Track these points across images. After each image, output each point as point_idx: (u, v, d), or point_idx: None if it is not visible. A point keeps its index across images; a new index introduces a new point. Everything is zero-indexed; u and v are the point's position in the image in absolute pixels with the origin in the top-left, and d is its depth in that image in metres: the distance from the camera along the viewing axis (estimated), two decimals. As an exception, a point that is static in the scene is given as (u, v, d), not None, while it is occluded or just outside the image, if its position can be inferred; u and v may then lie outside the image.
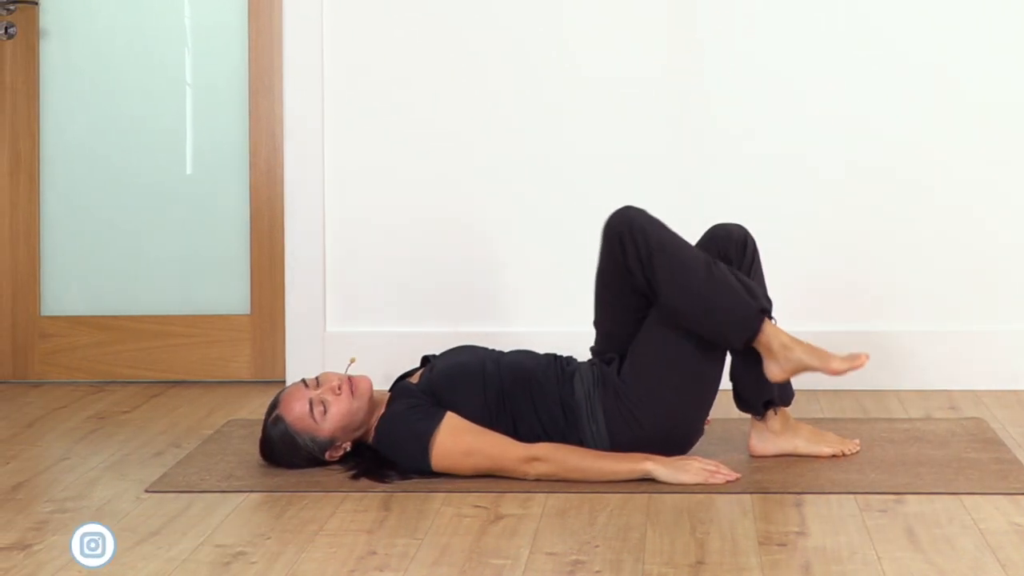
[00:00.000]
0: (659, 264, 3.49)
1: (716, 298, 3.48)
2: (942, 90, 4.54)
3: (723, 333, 3.50)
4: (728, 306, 3.48)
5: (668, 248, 3.51)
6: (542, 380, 3.59)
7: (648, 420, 3.51)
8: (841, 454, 3.67)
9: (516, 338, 4.24)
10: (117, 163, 4.81)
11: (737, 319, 3.48)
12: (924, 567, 2.87)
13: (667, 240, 3.52)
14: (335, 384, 3.56)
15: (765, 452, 3.67)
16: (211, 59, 4.79)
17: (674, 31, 4.58)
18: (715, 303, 3.48)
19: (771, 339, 3.49)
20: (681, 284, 3.48)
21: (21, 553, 3.02)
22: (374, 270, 4.69)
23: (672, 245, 3.52)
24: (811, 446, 3.67)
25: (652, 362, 3.54)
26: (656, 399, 3.52)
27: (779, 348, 3.50)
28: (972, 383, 4.53)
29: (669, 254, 3.50)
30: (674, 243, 3.53)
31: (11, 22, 4.72)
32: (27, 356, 4.81)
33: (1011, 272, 4.56)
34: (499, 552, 2.99)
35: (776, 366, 3.51)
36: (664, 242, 3.51)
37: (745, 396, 3.67)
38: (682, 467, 3.45)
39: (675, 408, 3.54)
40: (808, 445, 3.67)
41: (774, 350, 3.50)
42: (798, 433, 3.68)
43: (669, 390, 3.53)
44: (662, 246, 3.51)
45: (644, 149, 4.60)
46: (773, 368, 3.52)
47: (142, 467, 3.71)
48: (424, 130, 4.66)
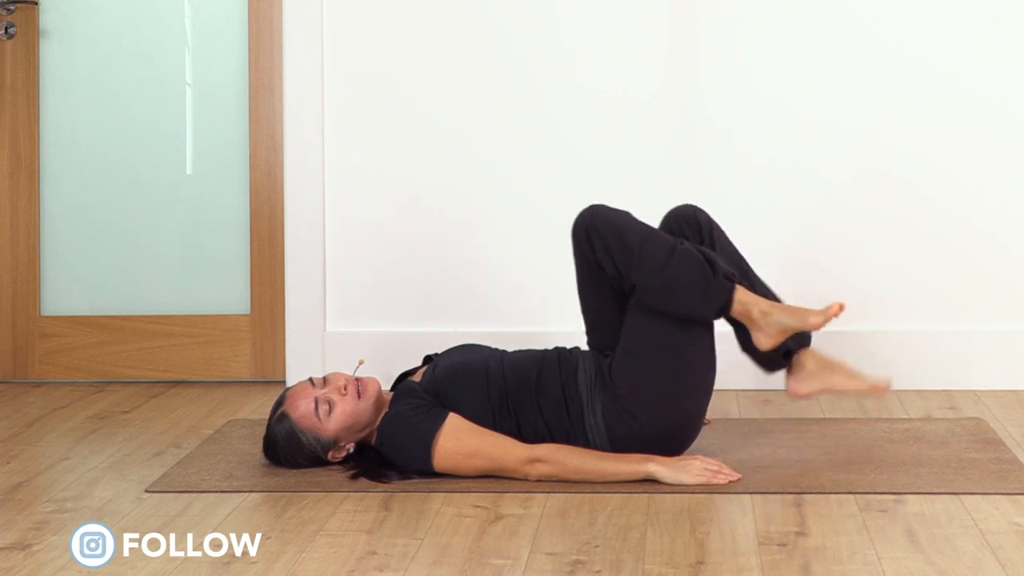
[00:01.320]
0: (625, 251, 3.52)
1: (682, 274, 3.49)
2: (940, 93, 4.54)
3: (696, 307, 3.51)
4: (695, 280, 3.49)
5: (633, 235, 3.53)
6: (545, 377, 3.59)
7: (643, 414, 3.51)
8: (876, 389, 3.61)
9: (516, 338, 4.24)
10: (117, 163, 4.81)
11: (706, 291, 3.49)
12: (924, 567, 2.87)
13: (631, 228, 3.54)
14: (341, 384, 3.56)
15: (802, 392, 3.62)
16: (211, 59, 4.79)
17: (675, 36, 4.58)
18: (682, 279, 3.49)
19: (749, 308, 3.51)
20: (649, 267, 3.50)
21: (21, 553, 3.02)
22: (374, 270, 4.70)
23: (636, 232, 3.54)
24: (847, 381, 3.62)
25: (638, 356, 3.53)
26: (647, 392, 3.51)
27: (759, 315, 3.51)
28: (972, 383, 4.53)
29: (634, 240, 3.52)
30: (639, 230, 3.55)
31: (11, 22, 4.72)
32: (27, 356, 4.82)
33: (1011, 272, 4.56)
34: (499, 552, 2.99)
35: (761, 334, 3.53)
36: (628, 230, 3.54)
37: (761, 358, 3.66)
38: (684, 468, 3.44)
39: (668, 399, 3.52)
40: (845, 381, 3.63)
41: (755, 318, 3.51)
42: (834, 371, 3.63)
43: (659, 382, 3.52)
44: (626, 233, 3.53)
45: (644, 152, 4.60)
46: (759, 337, 3.53)
47: (142, 467, 3.71)
48: (424, 130, 4.66)
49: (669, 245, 3.52)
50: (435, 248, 4.67)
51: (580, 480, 3.45)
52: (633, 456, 3.49)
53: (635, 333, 3.54)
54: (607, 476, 3.45)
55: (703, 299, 3.50)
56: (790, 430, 3.97)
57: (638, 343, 3.54)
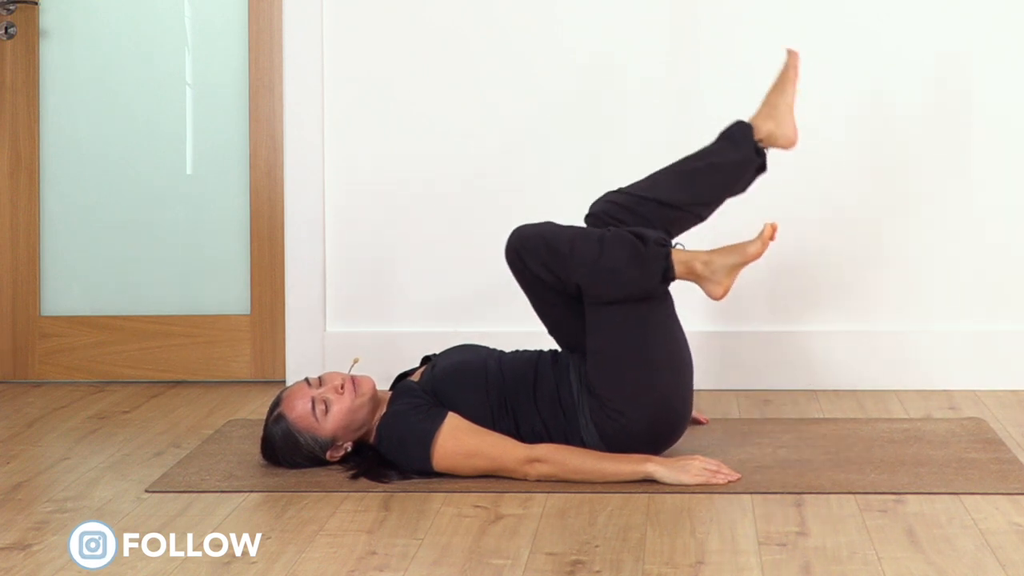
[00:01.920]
0: (558, 257, 3.53)
1: (617, 258, 3.50)
2: (942, 90, 4.54)
3: (641, 282, 3.51)
4: (631, 256, 3.50)
5: (560, 241, 3.54)
6: (541, 378, 3.59)
7: (627, 409, 3.49)
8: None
9: (516, 338, 4.24)
10: (117, 163, 4.81)
11: (643, 263, 3.50)
12: (924, 567, 2.87)
13: (557, 235, 3.56)
14: (338, 383, 3.56)
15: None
16: (211, 59, 4.79)
17: (675, 36, 4.58)
18: (619, 262, 3.50)
19: (691, 264, 3.52)
20: (585, 263, 3.51)
21: (21, 553, 3.02)
22: (374, 270, 4.70)
23: (563, 237, 3.55)
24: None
25: (604, 355, 3.52)
26: (623, 387, 3.50)
27: (702, 268, 3.53)
28: (972, 383, 4.53)
29: (563, 245, 3.53)
30: (565, 234, 3.56)
31: (11, 22, 4.72)
32: (27, 356, 4.82)
33: (1011, 272, 4.56)
34: (499, 552, 2.99)
35: (711, 284, 3.54)
36: (555, 237, 3.55)
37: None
38: (683, 468, 3.44)
39: (644, 388, 3.50)
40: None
41: (699, 271, 3.53)
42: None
43: (629, 374, 3.51)
44: (553, 241, 3.54)
45: (644, 152, 4.60)
46: (710, 287, 3.54)
47: (142, 467, 3.71)
48: (424, 130, 4.66)
49: (597, 236, 3.54)
50: (435, 248, 4.67)
51: (579, 480, 3.45)
52: (632, 456, 3.49)
53: (595, 333, 3.55)
54: (607, 476, 3.45)
55: (644, 272, 3.50)
56: (790, 430, 3.97)
57: (600, 342, 3.54)
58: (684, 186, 3.76)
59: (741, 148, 3.76)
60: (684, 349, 3.59)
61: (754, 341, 4.59)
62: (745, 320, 4.61)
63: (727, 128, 3.80)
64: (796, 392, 4.53)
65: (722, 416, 4.17)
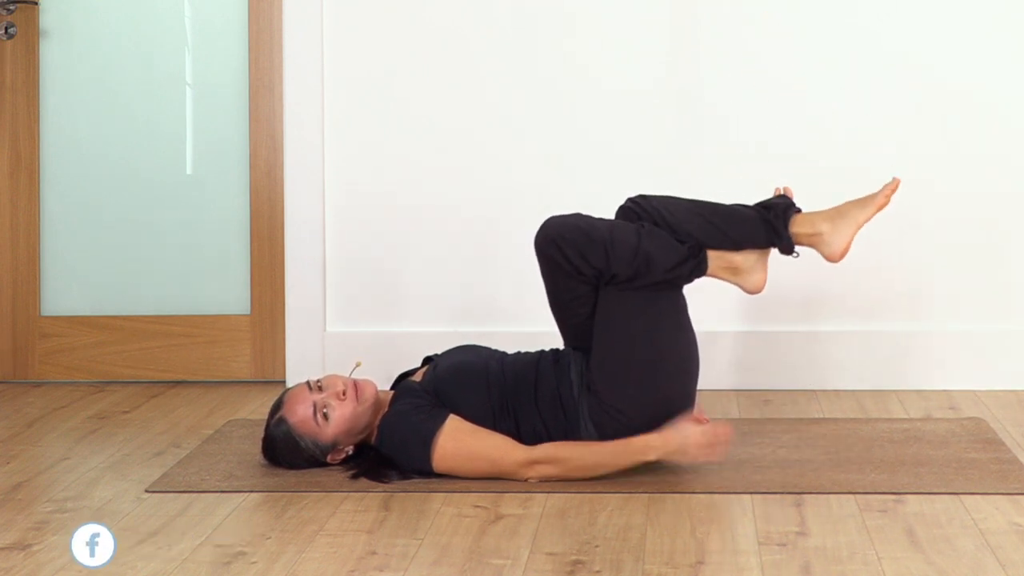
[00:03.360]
0: (598, 246, 3.51)
1: (656, 247, 3.52)
2: (941, 92, 4.54)
3: (680, 269, 3.54)
4: (670, 246, 3.54)
5: (597, 231, 3.53)
6: (542, 378, 3.59)
7: (627, 408, 3.49)
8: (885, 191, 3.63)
9: (516, 338, 4.24)
10: (117, 163, 4.81)
11: (683, 260, 3.53)
12: (924, 567, 2.87)
13: (593, 225, 3.55)
14: (340, 389, 3.56)
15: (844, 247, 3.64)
16: (211, 59, 4.79)
17: (675, 36, 4.58)
18: (658, 250, 3.51)
19: (731, 261, 3.59)
20: (626, 251, 3.50)
21: (21, 553, 3.02)
22: (374, 270, 4.70)
23: (599, 227, 3.54)
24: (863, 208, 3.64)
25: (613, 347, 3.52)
26: (625, 385, 3.50)
27: (741, 263, 3.59)
28: (972, 383, 4.53)
29: (602, 235, 3.53)
30: (600, 224, 3.55)
31: (11, 22, 4.72)
32: (27, 356, 4.82)
33: (1011, 272, 4.56)
34: (499, 552, 3.00)
35: (751, 277, 3.61)
36: (591, 228, 3.54)
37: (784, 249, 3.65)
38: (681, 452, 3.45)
39: (646, 387, 3.50)
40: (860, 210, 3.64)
41: (737, 265, 3.60)
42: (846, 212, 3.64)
43: (633, 372, 3.50)
44: (591, 232, 3.53)
45: (644, 151, 4.60)
46: (750, 280, 3.61)
47: (142, 467, 3.71)
48: (424, 130, 4.66)
49: (633, 228, 3.56)
50: (435, 248, 4.67)
51: (581, 477, 3.46)
52: (631, 447, 3.47)
53: (605, 328, 3.54)
54: (608, 471, 3.46)
55: (681, 260, 3.53)
56: (790, 430, 3.97)
57: (609, 337, 3.53)
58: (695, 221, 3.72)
59: (769, 221, 3.64)
60: (692, 352, 3.59)
61: (754, 341, 4.60)
62: (745, 320, 4.61)
63: (773, 199, 3.70)
64: (796, 392, 4.53)
65: (722, 416, 4.17)
